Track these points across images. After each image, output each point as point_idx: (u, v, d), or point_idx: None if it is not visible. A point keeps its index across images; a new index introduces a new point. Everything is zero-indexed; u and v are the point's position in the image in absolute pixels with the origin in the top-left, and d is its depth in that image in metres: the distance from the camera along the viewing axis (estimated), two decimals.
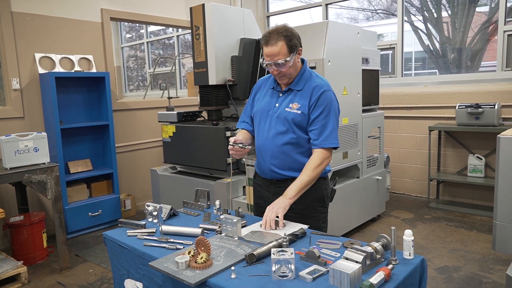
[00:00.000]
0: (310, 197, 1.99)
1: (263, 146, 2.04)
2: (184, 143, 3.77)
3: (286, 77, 1.96)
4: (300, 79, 1.99)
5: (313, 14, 6.16)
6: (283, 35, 1.86)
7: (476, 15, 4.85)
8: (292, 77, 1.98)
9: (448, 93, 4.65)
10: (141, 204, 4.89)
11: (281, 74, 1.93)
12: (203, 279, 1.33)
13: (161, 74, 8.58)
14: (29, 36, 3.98)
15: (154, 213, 1.96)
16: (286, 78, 1.97)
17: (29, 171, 3.15)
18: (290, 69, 1.92)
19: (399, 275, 1.31)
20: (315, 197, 2.03)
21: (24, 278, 3.09)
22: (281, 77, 1.96)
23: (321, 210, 2.07)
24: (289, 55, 1.87)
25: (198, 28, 3.49)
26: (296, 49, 1.90)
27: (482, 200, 4.54)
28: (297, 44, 1.91)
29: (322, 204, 2.07)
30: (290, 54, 1.87)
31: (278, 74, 1.93)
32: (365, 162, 3.93)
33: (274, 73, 1.94)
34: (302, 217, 1.92)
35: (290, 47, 1.87)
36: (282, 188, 1.99)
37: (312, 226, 1.86)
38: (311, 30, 3.40)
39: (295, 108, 1.94)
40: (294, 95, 1.98)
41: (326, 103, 1.93)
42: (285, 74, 1.93)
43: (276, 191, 2.03)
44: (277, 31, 1.87)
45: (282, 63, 1.87)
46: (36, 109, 4.07)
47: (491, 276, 2.97)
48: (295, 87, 1.98)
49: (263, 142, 2.04)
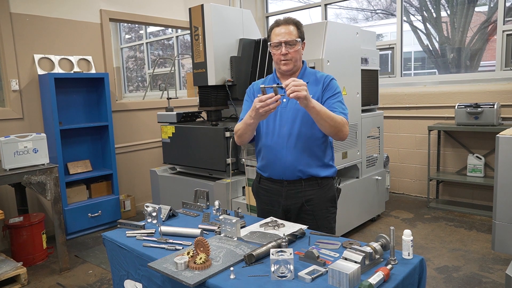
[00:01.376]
0: (323, 198, 1.99)
1: (278, 144, 1.95)
2: (183, 143, 3.77)
3: (291, 61, 1.92)
4: (304, 73, 2.01)
5: (312, 14, 6.16)
6: (294, 22, 1.95)
7: (475, 15, 4.85)
8: (297, 66, 1.97)
9: (447, 93, 4.65)
10: (140, 205, 4.89)
11: (288, 57, 1.91)
12: (202, 279, 1.33)
13: (161, 75, 8.58)
14: (28, 37, 3.98)
15: (153, 214, 1.96)
16: (291, 63, 1.93)
17: (29, 172, 3.15)
18: (297, 54, 1.93)
19: (398, 275, 1.31)
20: (328, 198, 2.02)
21: (24, 279, 3.09)
22: (287, 60, 1.92)
23: (332, 210, 2.06)
24: (298, 38, 1.92)
25: (197, 29, 3.49)
26: (303, 38, 1.96)
27: (482, 199, 4.54)
28: (304, 37, 1.98)
29: (333, 204, 2.07)
30: (299, 38, 1.93)
31: (285, 56, 1.91)
32: (364, 162, 3.93)
33: (281, 55, 1.90)
34: (316, 219, 1.92)
35: (300, 33, 1.94)
36: (294, 190, 1.97)
37: (323, 226, 1.86)
38: (310, 30, 3.39)
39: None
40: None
41: (336, 88, 1.96)
42: (292, 57, 1.92)
43: (288, 194, 1.99)
44: (288, 18, 1.96)
45: (293, 41, 1.90)
46: (35, 110, 4.07)
47: (491, 275, 2.97)
48: (302, 79, 1.93)
49: (278, 141, 1.95)
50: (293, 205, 2.00)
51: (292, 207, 2.01)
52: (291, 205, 2.00)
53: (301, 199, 1.98)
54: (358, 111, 3.78)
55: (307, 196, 1.98)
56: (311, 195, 1.98)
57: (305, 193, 1.98)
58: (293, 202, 2.00)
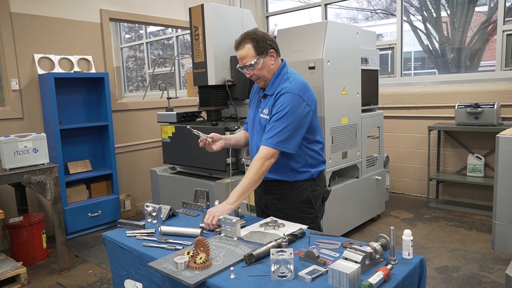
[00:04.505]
0: (295, 198, 2.01)
1: (251, 151, 2.08)
2: (183, 143, 3.77)
3: (261, 79, 1.97)
4: (273, 83, 1.97)
5: (312, 14, 6.16)
6: (250, 38, 1.90)
7: (475, 15, 4.85)
8: (267, 80, 1.97)
9: (447, 92, 4.65)
10: (140, 205, 4.89)
11: (254, 77, 1.96)
12: (202, 279, 1.33)
13: (161, 75, 8.58)
14: (28, 36, 3.98)
15: (153, 214, 1.96)
16: (262, 81, 1.98)
17: (29, 172, 3.15)
18: (262, 71, 1.93)
19: (398, 275, 1.31)
20: (301, 199, 2.02)
21: (24, 279, 3.09)
22: (256, 80, 1.98)
23: (308, 211, 2.04)
24: (256, 57, 1.89)
25: (197, 29, 3.49)
26: (265, 51, 1.91)
27: (482, 199, 4.54)
28: (267, 46, 1.91)
29: (309, 205, 2.04)
30: (257, 56, 1.89)
31: (251, 77, 1.96)
32: (364, 162, 3.93)
33: (248, 76, 1.97)
34: (289, 217, 1.94)
35: (258, 48, 1.89)
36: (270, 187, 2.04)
37: None
38: (310, 30, 3.40)
39: (266, 114, 1.95)
40: (268, 100, 1.98)
41: (282, 104, 1.86)
42: (258, 76, 1.94)
43: (266, 189, 2.07)
44: (245, 35, 1.91)
45: (250, 65, 1.89)
46: (35, 109, 4.07)
47: (491, 275, 2.97)
48: (269, 91, 1.98)
49: (251, 147, 2.08)
50: (269, 200, 2.08)
51: (269, 203, 2.08)
52: (268, 201, 2.08)
53: (275, 196, 2.04)
54: (358, 111, 3.78)
55: (279, 195, 2.03)
56: (282, 194, 2.03)
57: (277, 191, 2.04)
58: (269, 198, 2.07)
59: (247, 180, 1.84)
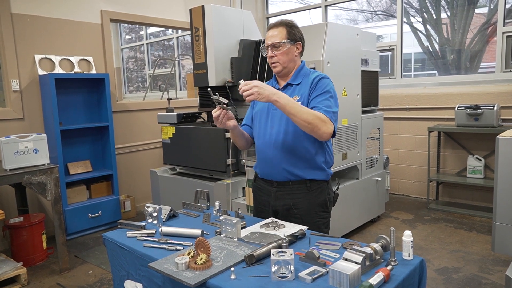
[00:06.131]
0: (312, 202, 1.96)
1: (267, 144, 1.96)
2: (183, 144, 3.77)
3: (279, 64, 1.93)
4: (298, 74, 1.98)
5: (313, 16, 6.17)
6: (285, 23, 1.94)
7: (475, 17, 4.86)
8: (287, 68, 1.95)
9: (447, 94, 4.66)
10: (140, 206, 4.89)
11: (274, 60, 1.92)
12: (203, 280, 1.33)
13: (161, 76, 8.58)
14: (29, 37, 3.99)
15: (153, 214, 1.96)
16: (280, 66, 1.93)
17: (29, 172, 3.15)
18: (284, 56, 1.91)
19: (398, 276, 1.32)
20: (318, 202, 1.97)
21: (24, 280, 3.09)
22: (274, 63, 1.94)
23: (323, 215, 2.00)
24: (286, 39, 1.90)
25: (197, 30, 3.50)
26: (295, 39, 1.93)
27: (482, 201, 4.54)
28: (297, 36, 1.94)
29: (325, 209, 2.01)
30: (287, 40, 1.90)
31: (272, 59, 1.93)
32: (364, 163, 3.93)
33: (268, 57, 1.94)
34: (304, 223, 1.88)
35: (290, 33, 1.91)
36: (283, 192, 1.96)
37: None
38: (310, 32, 3.40)
39: (295, 100, 1.87)
40: (293, 89, 1.95)
41: (325, 86, 1.88)
42: (278, 60, 1.92)
43: (277, 195, 1.99)
44: (282, 21, 1.96)
45: (277, 43, 1.89)
46: (35, 110, 4.08)
47: (491, 277, 2.98)
48: (294, 81, 1.97)
49: (267, 141, 1.96)
50: (281, 207, 1.99)
51: (280, 209, 1.99)
52: (279, 207, 1.99)
53: (289, 202, 1.96)
54: (358, 112, 3.79)
55: (295, 199, 1.96)
56: (299, 198, 1.95)
57: (293, 195, 1.96)
58: (281, 204, 1.98)
59: (301, 107, 1.76)
